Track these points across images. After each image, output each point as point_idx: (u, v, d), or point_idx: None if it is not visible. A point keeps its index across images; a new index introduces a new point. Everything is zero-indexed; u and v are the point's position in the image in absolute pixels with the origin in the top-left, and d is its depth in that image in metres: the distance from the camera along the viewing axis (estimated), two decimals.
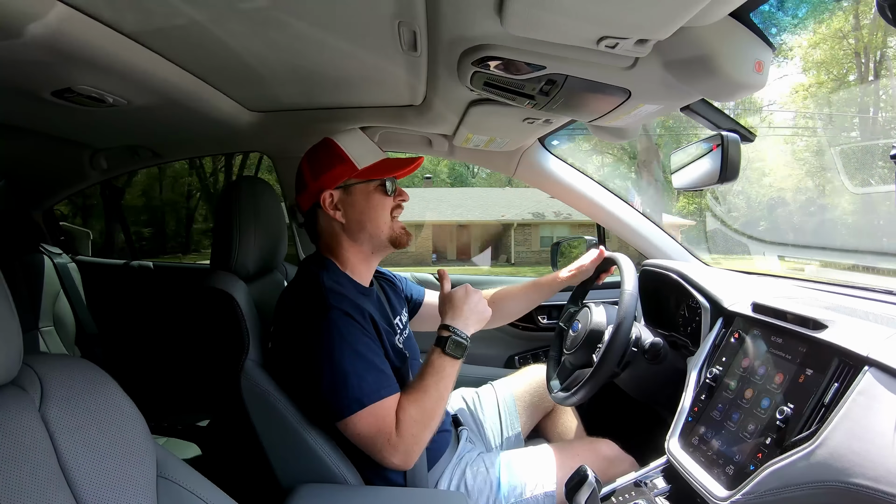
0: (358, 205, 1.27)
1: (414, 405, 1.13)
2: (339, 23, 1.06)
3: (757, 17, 0.95)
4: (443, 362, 1.18)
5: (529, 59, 1.02)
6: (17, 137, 1.88)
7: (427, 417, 1.13)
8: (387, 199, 1.29)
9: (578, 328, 1.47)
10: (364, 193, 1.28)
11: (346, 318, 1.14)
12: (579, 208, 1.98)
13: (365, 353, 1.13)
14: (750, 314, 1.16)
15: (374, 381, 1.11)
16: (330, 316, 1.13)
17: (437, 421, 1.16)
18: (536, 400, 1.68)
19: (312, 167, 1.29)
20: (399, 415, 1.12)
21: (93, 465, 0.64)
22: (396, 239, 1.31)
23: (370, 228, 1.28)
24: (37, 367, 0.67)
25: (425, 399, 1.14)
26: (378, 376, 1.13)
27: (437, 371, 1.17)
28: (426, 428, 1.14)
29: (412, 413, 1.12)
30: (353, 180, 1.27)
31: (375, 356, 1.15)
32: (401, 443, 1.10)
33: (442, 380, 1.17)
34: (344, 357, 1.10)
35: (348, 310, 1.15)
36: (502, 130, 1.65)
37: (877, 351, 0.83)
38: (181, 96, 1.38)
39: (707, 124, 1.36)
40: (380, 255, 1.35)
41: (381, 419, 1.10)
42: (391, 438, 1.09)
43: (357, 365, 1.11)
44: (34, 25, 0.90)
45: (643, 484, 1.15)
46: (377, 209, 1.28)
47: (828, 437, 0.81)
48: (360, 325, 1.16)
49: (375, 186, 1.28)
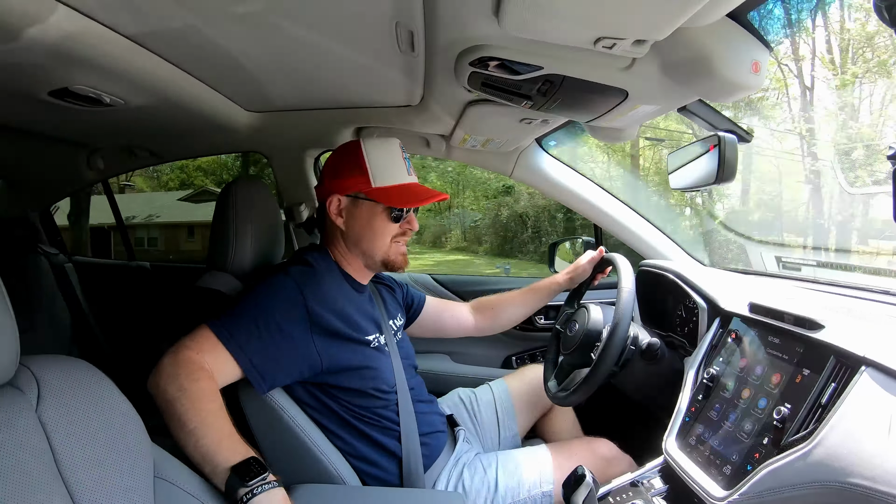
0: (360, 220, 1.27)
1: (201, 392, 1.01)
2: (337, 24, 1.06)
3: None
4: (224, 464, 0.93)
5: (527, 60, 1.02)
6: (14, 138, 1.87)
7: (178, 412, 0.98)
8: (391, 225, 1.27)
9: (576, 328, 1.47)
10: (369, 212, 1.26)
11: (290, 282, 1.15)
12: (577, 208, 1.98)
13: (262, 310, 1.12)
14: (747, 314, 1.16)
15: (237, 326, 1.10)
16: (279, 276, 1.15)
17: (173, 424, 0.99)
18: (534, 400, 1.68)
19: (334, 166, 1.29)
20: (195, 369, 1.03)
21: (89, 466, 0.64)
22: (390, 263, 1.30)
23: (364, 246, 1.28)
24: (33, 368, 0.67)
25: (194, 414, 0.98)
26: (245, 333, 1.09)
27: (222, 451, 0.95)
28: (171, 404, 0.99)
29: (186, 388, 1.00)
30: (363, 195, 1.25)
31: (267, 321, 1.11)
32: (166, 368, 1.04)
33: (215, 448, 0.95)
34: (250, 299, 1.13)
35: (301, 280, 1.16)
36: (499, 131, 1.65)
37: (874, 351, 0.83)
38: (178, 97, 1.38)
39: (704, 125, 1.36)
40: (373, 270, 1.35)
41: (199, 340, 1.07)
42: (177, 354, 1.05)
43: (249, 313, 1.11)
44: (33, 27, 0.90)
45: (640, 484, 1.15)
46: (377, 231, 1.26)
47: (825, 437, 0.81)
48: (299, 294, 1.15)
49: (383, 209, 1.26)
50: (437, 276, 2.25)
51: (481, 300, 1.75)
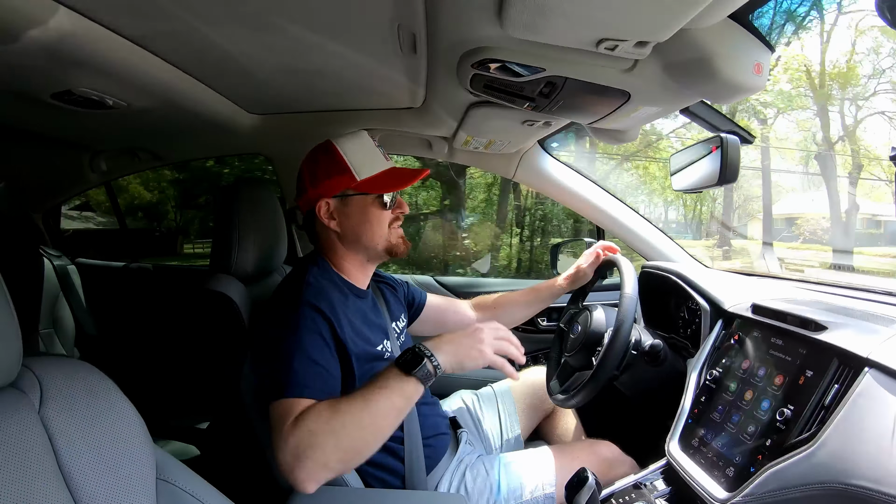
0: (354, 216, 1.26)
1: (327, 404, 0.99)
2: (339, 26, 1.06)
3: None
4: (386, 371, 1.01)
5: (529, 62, 1.02)
6: (17, 140, 1.88)
7: (336, 421, 0.96)
8: (384, 213, 1.27)
9: (578, 330, 1.47)
10: (361, 206, 1.26)
11: (314, 314, 1.12)
12: (579, 210, 1.98)
13: (309, 349, 1.08)
14: (750, 316, 1.16)
15: (303, 375, 1.04)
16: (299, 309, 1.12)
17: (349, 432, 0.97)
18: (536, 402, 1.67)
19: (312, 172, 1.27)
20: (307, 408, 0.99)
21: (92, 468, 0.64)
22: (393, 249, 1.30)
23: (365, 240, 1.27)
24: (36, 370, 0.67)
25: (342, 402, 0.99)
26: (314, 374, 1.06)
27: (374, 379, 1.01)
28: (331, 434, 0.95)
29: (320, 409, 0.98)
30: (351, 191, 1.25)
31: (320, 355, 1.09)
32: (292, 435, 0.95)
33: (377, 389, 0.99)
34: (290, 346, 1.07)
35: (321, 306, 1.13)
36: (502, 133, 1.65)
37: (877, 352, 0.83)
38: (181, 99, 1.38)
39: (706, 126, 1.36)
40: (375, 262, 1.35)
41: (286, 412, 0.99)
42: (284, 428, 0.97)
43: (296, 357, 1.06)
44: (36, 30, 0.90)
45: (643, 486, 1.15)
46: (373, 222, 1.26)
47: (828, 439, 0.81)
48: (321, 323, 1.12)
49: (373, 199, 1.25)
50: (440, 278, 2.25)
51: (483, 298, 1.74)
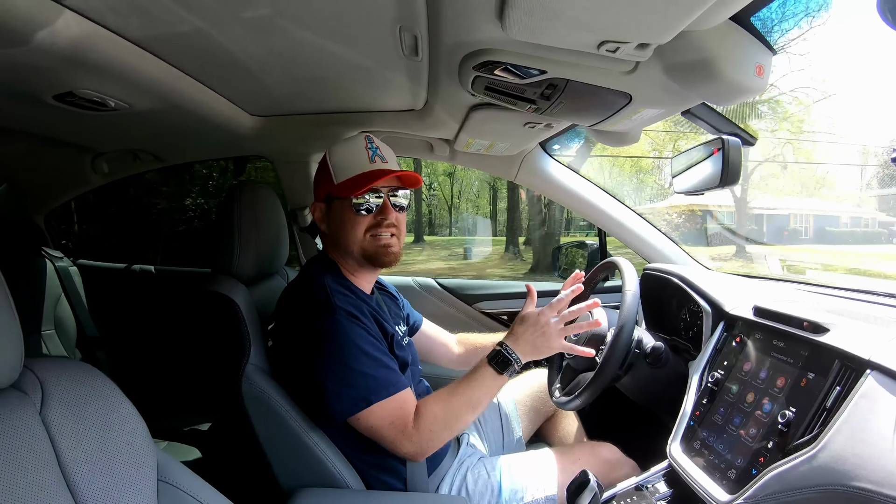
0: (335, 220, 1.28)
1: (439, 403, 1.17)
2: (341, 28, 1.06)
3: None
4: (483, 371, 1.21)
5: (531, 64, 1.02)
6: (19, 141, 1.88)
7: (450, 417, 1.17)
8: (358, 217, 1.25)
9: (580, 333, 1.47)
10: (339, 209, 1.27)
11: (351, 319, 1.14)
12: (581, 212, 1.98)
13: (371, 352, 1.14)
14: (751, 318, 1.16)
15: (382, 378, 1.13)
16: (336, 317, 1.13)
17: (460, 424, 1.19)
18: (538, 404, 1.67)
19: (315, 177, 1.33)
20: (422, 409, 1.16)
21: (93, 469, 0.64)
22: (370, 255, 1.27)
23: (343, 244, 1.28)
24: (38, 371, 0.67)
25: (452, 400, 1.18)
26: (386, 373, 1.14)
27: (475, 378, 1.21)
28: (446, 427, 1.16)
29: (435, 410, 1.16)
30: (332, 195, 1.27)
31: (382, 354, 1.17)
32: (416, 435, 1.13)
33: (477, 387, 1.20)
34: (352, 357, 1.11)
35: (353, 310, 1.16)
36: (503, 135, 1.65)
37: (878, 354, 0.83)
38: (183, 101, 1.38)
39: (708, 128, 1.36)
40: (368, 268, 1.32)
41: (392, 413, 1.12)
42: (406, 430, 1.13)
43: (365, 363, 1.12)
44: (39, 32, 0.90)
45: (644, 488, 1.15)
46: (347, 227, 1.26)
47: (830, 441, 0.81)
48: (364, 324, 1.16)
49: (349, 203, 1.24)
50: (442, 280, 2.25)
51: (467, 336, 1.73)
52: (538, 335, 1.22)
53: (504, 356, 1.20)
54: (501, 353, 1.21)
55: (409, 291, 2.11)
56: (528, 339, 1.22)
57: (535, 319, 1.23)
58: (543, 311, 1.24)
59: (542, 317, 1.23)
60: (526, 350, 1.22)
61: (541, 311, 1.24)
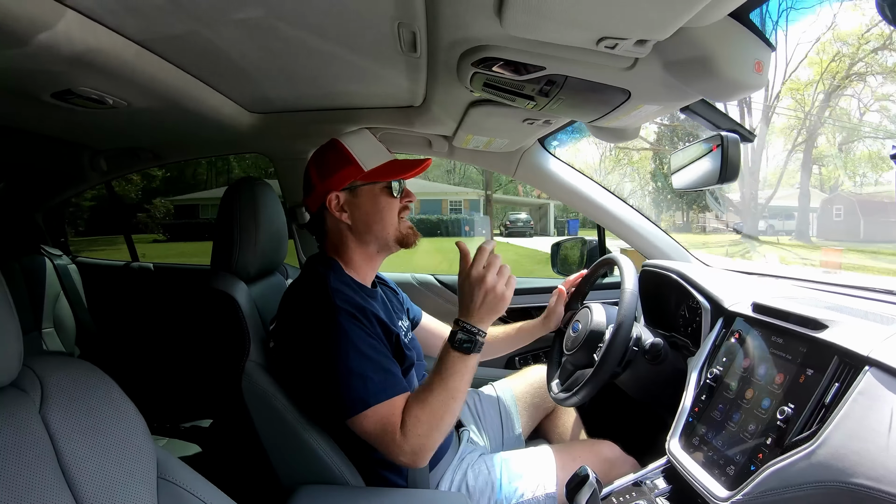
0: (364, 206, 1.28)
1: (419, 405, 1.11)
2: (339, 25, 1.06)
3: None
4: (450, 359, 1.13)
5: (529, 60, 1.01)
6: (17, 139, 1.88)
7: (434, 417, 1.10)
8: (393, 200, 1.29)
9: (579, 329, 1.47)
10: (370, 195, 1.28)
11: (353, 320, 1.14)
12: (579, 209, 1.98)
13: (371, 354, 1.13)
14: (750, 314, 1.16)
15: (379, 381, 1.11)
16: (338, 318, 1.13)
17: (447, 420, 1.12)
18: (537, 401, 1.68)
19: (319, 169, 1.30)
20: (404, 415, 1.10)
21: (93, 467, 0.64)
22: (403, 239, 1.32)
23: (377, 230, 1.29)
24: (37, 369, 0.67)
25: (431, 398, 1.11)
26: (384, 376, 1.13)
27: (445, 368, 1.13)
28: (434, 428, 1.10)
29: (417, 413, 1.10)
30: (359, 182, 1.27)
31: (382, 357, 1.15)
32: (406, 443, 1.08)
33: (450, 377, 1.12)
34: (350, 358, 1.10)
35: (354, 311, 1.15)
36: (502, 131, 1.65)
37: (877, 351, 0.83)
38: (181, 98, 1.38)
39: (707, 124, 1.36)
40: (385, 254, 1.35)
41: (385, 419, 1.09)
42: (396, 438, 1.08)
43: (363, 365, 1.11)
44: (39, 30, 0.90)
45: (643, 484, 1.15)
46: (383, 211, 1.28)
47: (828, 437, 0.81)
48: (365, 326, 1.16)
49: (382, 188, 1.28)
50: (441, 277, 2.25)
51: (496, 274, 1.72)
52: (490, 297, 1.15)
53: (466, 335, 1.14)
54: (461, 333, 1.14)
55: (407, 288, 2.11)
56: (482, 304, 1.15)
57: (479, 282, 1.15)
58: (479, 270, 1.16)
59: (486, 275, 1.15)
60: (485, 317, 1.15)
61: (477, 272, 1.16)
